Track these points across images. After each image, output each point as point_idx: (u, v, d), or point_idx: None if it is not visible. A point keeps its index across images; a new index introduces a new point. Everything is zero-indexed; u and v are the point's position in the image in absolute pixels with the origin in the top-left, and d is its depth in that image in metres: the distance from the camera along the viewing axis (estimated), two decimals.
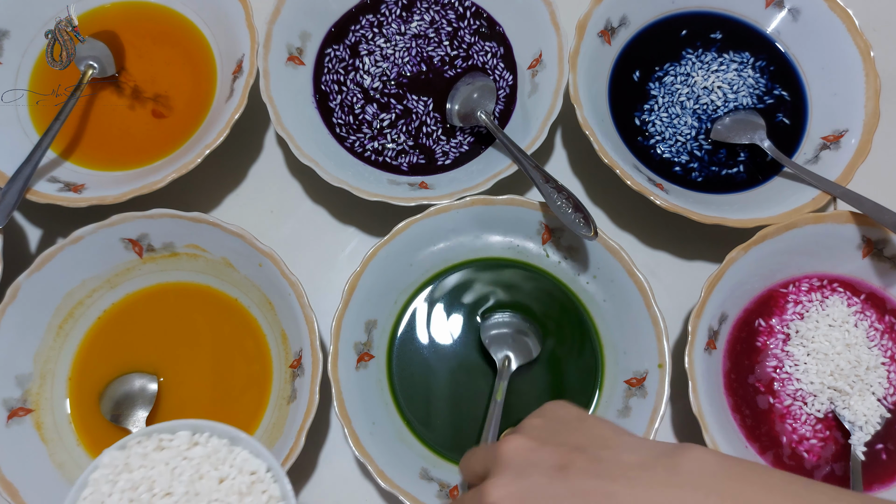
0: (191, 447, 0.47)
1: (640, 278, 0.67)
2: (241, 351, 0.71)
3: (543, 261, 0.73)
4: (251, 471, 0.47)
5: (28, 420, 0.67)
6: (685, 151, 0.78)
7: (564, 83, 0.74)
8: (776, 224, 0.69)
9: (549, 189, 0.67)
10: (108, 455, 0.47)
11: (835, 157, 0.74)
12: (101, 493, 0.46)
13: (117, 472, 0.47)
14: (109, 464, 0.47)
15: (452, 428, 0.69)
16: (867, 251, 0.72)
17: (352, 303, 0.67)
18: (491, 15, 0.82)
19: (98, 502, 0.46)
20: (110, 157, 0.78)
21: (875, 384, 0.68)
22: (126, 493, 0.46)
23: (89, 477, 0.47)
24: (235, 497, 0.46)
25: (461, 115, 0.77)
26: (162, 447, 0.48)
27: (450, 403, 0.69)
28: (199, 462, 0.47)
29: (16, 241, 0.78)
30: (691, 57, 0.81)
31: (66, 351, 0.71)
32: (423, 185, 0.74)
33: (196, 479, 0.46)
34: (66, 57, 0.76)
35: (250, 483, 0.46)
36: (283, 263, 0.66)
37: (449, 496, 0.65)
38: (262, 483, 0.47)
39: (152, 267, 0.72)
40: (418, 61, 0.81)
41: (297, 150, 0.71)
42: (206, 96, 0.79)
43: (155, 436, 0.48)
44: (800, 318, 0.71)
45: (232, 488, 0.46)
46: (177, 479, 0.46)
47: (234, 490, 0.46)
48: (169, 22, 0.82)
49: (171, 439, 0.48)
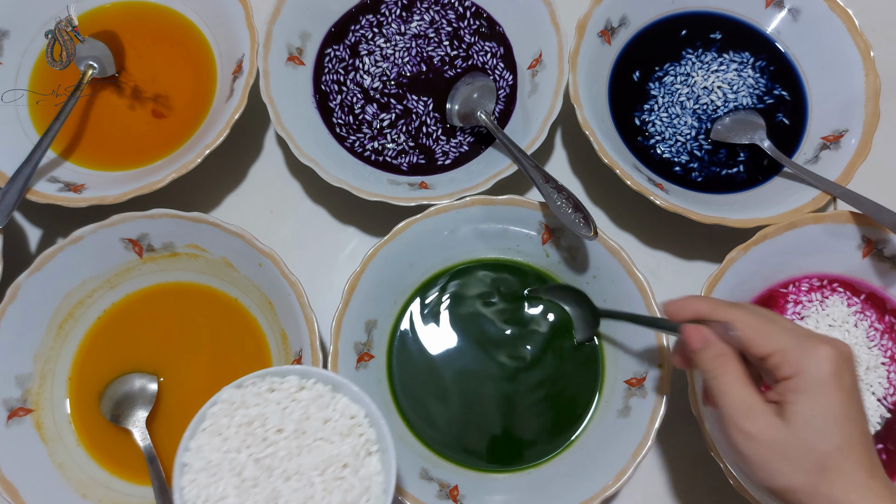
0: (299, 391, 0.52)
1: (640, 278, 0.67)
2: (241, 351, 0.71)
3: (543, 261, 0.73)
4: (351, 415, 0.51)
5: (28, 420, 0.67)
6: (685, 151, 0.78)
7: (564, 83, 0.74)
8: (776, 224, 0.69)
9: (549, 189, 0.67)
10: (227, 392, 0.51)
11: (835, 157, 0.74)
12: (220, 426, 0.50)
13: (234, 408, 0.51)
14: (227, 399, 0.51)
15: (453, 427, 0.69)
16: (867, 251, 0.72)
17: (352, 303, 0.67)
18: (491, 15, 0.82)
19: (217, 433, 0.50)
20: (110, 157, 0.78)
21: (875, 384, 0.68)
22: (242, 428, 0.50)
23: (208, 411, 0.51)
24: (338, 437, 0.50)
25: (461, 115, 0.77)
26: (273, 389, 0.52)
27: (450, 403, 0.69)
28: (306, 404, 0.51)
29: (16, 241, 0.78)
30: (691, 57, 0.81)
31: (66, 351, 0.71)
32: (423, 185, 0.74)
33: (304, 419, 0.51)
34: (66, 57, 0.76)
35: (350, 426, 0.51)
36: (283, 263, 0.66)
37: (449, 496, 0.65)
38: (360, 427, 0.51)
39: (152, 267, 0.72)
40: (418, 61, 0.81)
41: (297, 150, 0.71)
42: (206, 96, 0.79)
43: (268, 378, 0.52)
44: (800, 318, 0.71)
45: (335, 429, 0.51)
46: (287, 417, 0.51)
47: (336, 431, 0.51)
48: (169, 22, 0.83)
49: (281, 382, 0.52)
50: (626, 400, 0.67)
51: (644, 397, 0.66)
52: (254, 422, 0.51)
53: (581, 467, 0.66)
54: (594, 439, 0.68)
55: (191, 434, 0.51)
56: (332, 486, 0.49)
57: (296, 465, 0.49)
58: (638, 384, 0.67)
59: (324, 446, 0.50)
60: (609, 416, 0.68)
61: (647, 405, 0.66)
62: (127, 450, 0.68)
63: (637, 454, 0.63)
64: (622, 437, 0.65)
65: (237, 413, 0.51)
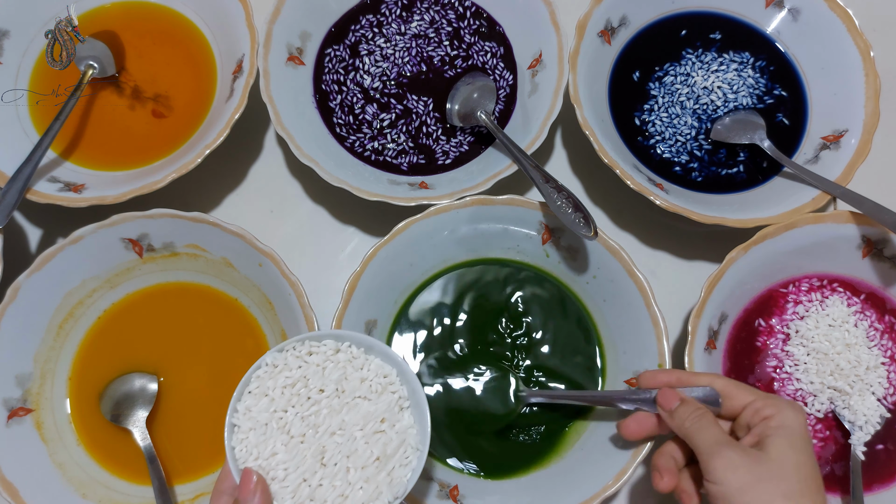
0: (335, 353, 0.56)
1: (640, 278, 0.67)
2: (241, 351, 0.71)
3: (543, 261, 0.73)
4: (384, 374, 0.55)
5: (28, 420, 0.67)
6: (685, 151, 0.78)
7: (564, 83, 0.74)
8: (776, 224, 0.69)
9: (549, 189, 0.67)
10: (271, 356, 0.54)
11: (835, 157, 0.74)
12: (266, 387, 0.53)
13: (278, 371, 0.54)
14: (271, 363, 0.54)
15: (450, 432, 0.69)
16: (867, 251, 0.72)
17: (352, 303, 0.67)
18: (491, 15, 0.82)
19: (263, 394, 0.53)
20: (110, 157, 0.78)
21: (875, 384, 0.68)
22: (287, 389, 0.53)
23: (253, 374, 0.54)
24: (374, 395, 0.54)
25: (461, 115, 0.77)
26: (311, 352, 0.55)
27: (448, 407, 0.69)
28: (343, 365, 0.55)
29: (16, 241, 0.78)
30: (691, 57, 0.81)
31: (66, 351, 0.71)
32: (423, 185, 0.74)
33: (342, 379, 0.54)
34: (66, 57, 0.76)
35: (384, 384, 0.55)
36: (283, 263, 0.66)
37: (449, 496, 0.65)
38: (392, 385, 0.55)
39: (152, 267, 0.72)
40: (418, 61, 0.81)
41: (297, 150, 0.71)
42: (206, 96, 0.79)
43: (307, 342, 0.55)
44: (800, 318, 0.71)
45: (371, 388, 0.54)
46: (327, 377, 0.54)
47: (372, 390, 0.54)
48: (169, 22, 0.83)
49: (318, 346, 0.56)
50: None
51: None
52: (297, 383, 0.54)
53: (581, 467, 0.66)
54: (594, 439, 0.68)
55: (238, 397, 0.54)
56: (373, 439, 0.53)
57: (338, 422, 0.53)
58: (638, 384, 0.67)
59: (362, 403, 0.54)
60: (609, 417, 0.68)
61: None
62: (127, 450, 0.68)
63: (637, 454, 0.63)
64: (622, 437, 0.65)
65: (280, 375, 0.54)
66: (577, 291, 0.72)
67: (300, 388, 0.54)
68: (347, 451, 0.52)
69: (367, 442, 0.53)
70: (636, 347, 0.68)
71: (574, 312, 0.72)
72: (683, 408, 0.57)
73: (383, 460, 0.52)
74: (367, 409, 0.53)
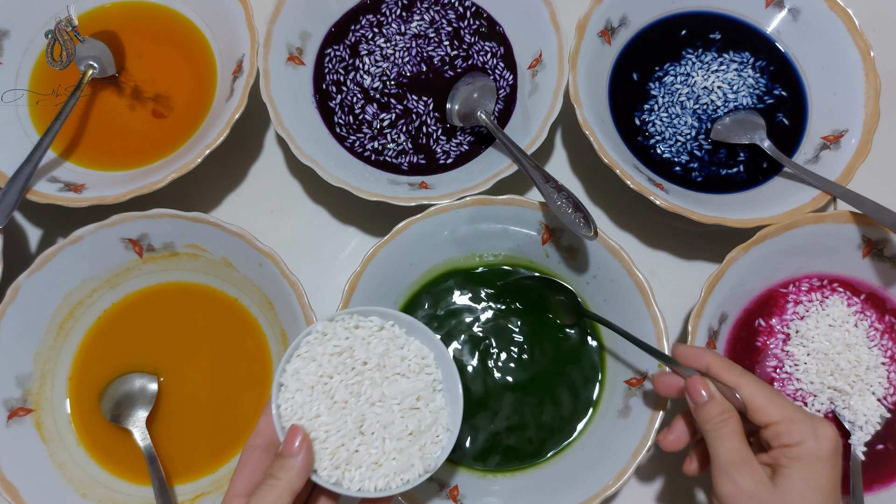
0: (380, 330, 0.58)
1: (640, 278, 0.67)
2: (241, 351, 0.71)
3: (543, 261, 0.73)
4: (423, 356, 0.58)
5: (28, 420, 0.67)
6: (685, 151, 0.78)
7: (564, 83, 0.74)
8: (776, 224, 0.69)
9: (549, 189, 0.67)
10: (321, 324, 0.57)
11: (835, 156, 0.74)
12: (314, 352, 0.56)
13: (327, 339, 0.56)
14: (321, 330, 0.57)
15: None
16: (867, 251, 0.72)
17: (352, 303, 0.67)
18: (491, 15, 0.82)
19: (311, 358, 0.55)
20: (110, 157, 0.78)
21: (875, 384, 0.68)
22: (333, 357, 0.56)
23: (303, 339, 0.56)
24: (412, 374, 0.57)
25: (461, 115, 0.77)
26: (359, 325, 0.58)
27: None
28: (386, 341, 0.57)
29: (16, 241, 0.78)
30: (691, 57, 0.81)
31: (66, 351, 0.71)
32: (423, 185, 0.74)
33: (384, 355, 0.57)
34: (66, 57, 0.76)
35: (422, 365, 0.57)
36: (283, 263, 0.66)
37: (449, 496, 0.65)
38: (429, 367, 0.58)
39: (152, 267, 0.72)
40: (418, 61, 0.81)
41: (297, 150, 0.71)
42: (206, 96, 0.79)
43: (355, 316, 0.58)
44: (800, 318, 0.71)
45: (409, 367, 0.57)
46: (371, 351, 0.56)
47: (410, 368, 0.57)
48: (169, 22, 0.82)
49: (365, 321, 0.58)
50: (626, 400, 0.67)
51: (644, 397, 0.66)
52: (343, 352, 0.56)
53: (581, 467, 0.66)
54: (594, 439, 0.68)
55: (287, 358, 0.56)
56: (408, 414, 0.55)
57: (379, 393, 0.55)
58: (638, 384, 0.67)
59: (401, 380, 0.56)
60: (609, 416, 0.68)
61: (647, 405, 0.66)
62: (127, 450, 0.68)
63: (637, 454, 0.63)
64: (622, 437, 0.65)
65: (329, 343, 0.56)
66: (577, 291, 0.72)
67: (346, 358, 0.56)
68: (385, 421, 0.55)
69: (402, 416, 0.55)
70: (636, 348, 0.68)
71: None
72: (708, 407, 0.55)
73: (416, 435, 0.55)
74: (405, 386, 0.56)
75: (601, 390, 0.70)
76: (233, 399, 0.70)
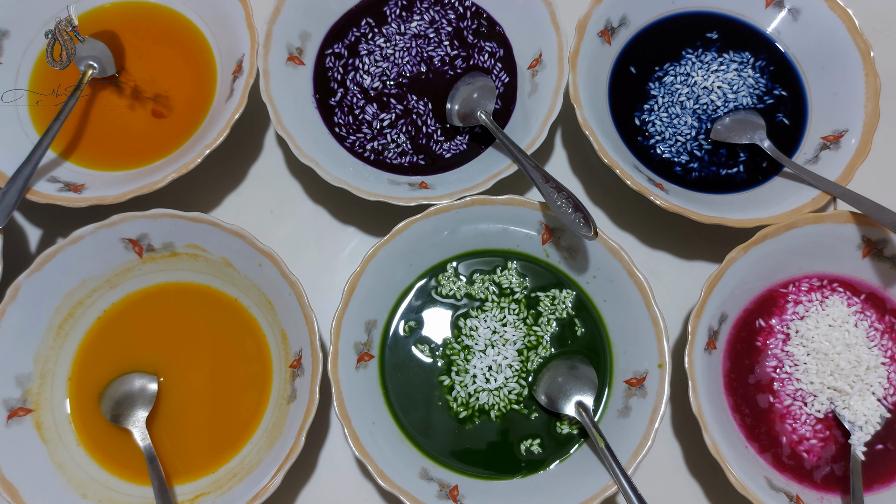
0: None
1: (640, 278, 0.67)
2: (241, 351, 0.71)
3: (543, 261, 0.73)
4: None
5: (28, 420, 0.67)
6: (685, 151, 0.78)
7: (564, 83, 0.74)
8: (776, 224, 0.69)
9: (549, 189, 0.67)
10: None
11: (835, 157, 0.74)
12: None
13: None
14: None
15: (449, 435, 0.69)
16: (867, 251, 0.72)
17: (352, 303, 0.67)
18: (491, 15, 0.82)
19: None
20: (110, 157, 0.78)
21: (875, 384, 0.68)
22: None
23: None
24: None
25: (461, 115, 0.77)
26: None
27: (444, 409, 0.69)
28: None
29: (16, 241, 0.78)
30: (691, 57, 0.81)
31: (66, 351, 0.71)
32: (423, 185, 0.74)
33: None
34: (66, 57, 0.76)
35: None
36: (283, 263, 0.66)
37: (449, 496, 0.65)
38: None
39: (152, 267, 0.72)
40: (418, 61, 0.81)
41: (297, 150, 0.71)
42: (206, 96, 0.79)
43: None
44: (800, 318, 0.71)
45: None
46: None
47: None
48: (169, 22, 0.83)
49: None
50: (626, 400, 0.67)
51: (644, 397, 0.66)
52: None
53: (581, 467, 0.66)
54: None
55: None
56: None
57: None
58: (638, 384, 0.67)
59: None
60: (609, 416, 0.68)
61: (647, 405, 0.66)
62: (127, 450, 0.68)
63: (637, 454, 0.63)
64: (622, 437, 0.65)
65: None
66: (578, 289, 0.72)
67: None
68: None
69: None
70: (636, 347, 0.68)
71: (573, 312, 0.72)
72: None
73: None
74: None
75: (601, 390, 0.70)
76: (233, 399, 0.70)
